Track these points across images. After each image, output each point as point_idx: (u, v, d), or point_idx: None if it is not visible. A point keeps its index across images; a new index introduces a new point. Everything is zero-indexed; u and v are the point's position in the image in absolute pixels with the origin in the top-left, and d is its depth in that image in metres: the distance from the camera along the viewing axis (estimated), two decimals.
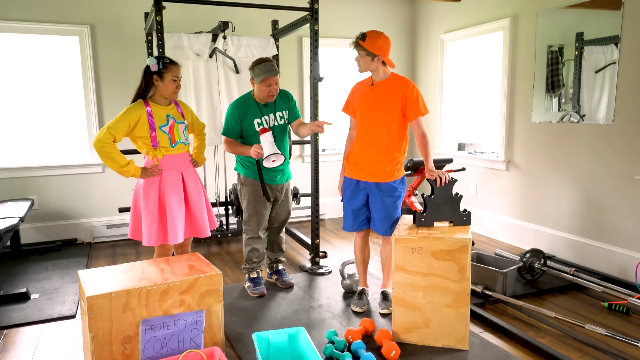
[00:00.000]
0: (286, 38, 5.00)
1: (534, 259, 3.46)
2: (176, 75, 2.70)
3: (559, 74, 4.02)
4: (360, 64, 2.84)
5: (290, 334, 2.41)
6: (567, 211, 3.97)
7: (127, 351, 2.15)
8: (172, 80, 2.69)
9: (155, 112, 2.71)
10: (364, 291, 3.12)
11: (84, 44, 4.44)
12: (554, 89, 4.08)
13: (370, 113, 2.85)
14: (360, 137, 2.90)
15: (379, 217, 2.90)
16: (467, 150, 5.14)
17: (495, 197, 4.70)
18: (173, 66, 2.70)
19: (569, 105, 3.90)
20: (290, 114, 3.28)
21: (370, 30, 2.79)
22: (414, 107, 2.82)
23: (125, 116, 2.64)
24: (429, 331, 2.59)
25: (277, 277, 3.48)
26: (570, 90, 3.92)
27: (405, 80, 2.86)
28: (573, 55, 3.89)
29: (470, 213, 2.71)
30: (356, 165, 2.94)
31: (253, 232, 3.27)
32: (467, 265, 2.48)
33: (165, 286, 2.21)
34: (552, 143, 4.06)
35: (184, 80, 4.18)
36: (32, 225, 4.47)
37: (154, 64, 2.67)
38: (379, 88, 2.85)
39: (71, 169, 4.55)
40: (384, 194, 2.87)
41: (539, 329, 2.81)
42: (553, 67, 4.09)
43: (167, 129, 2.73)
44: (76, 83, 4.53)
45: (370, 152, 2.87)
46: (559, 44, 3.98)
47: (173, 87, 2.71)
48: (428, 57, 5.50)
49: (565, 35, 3.88)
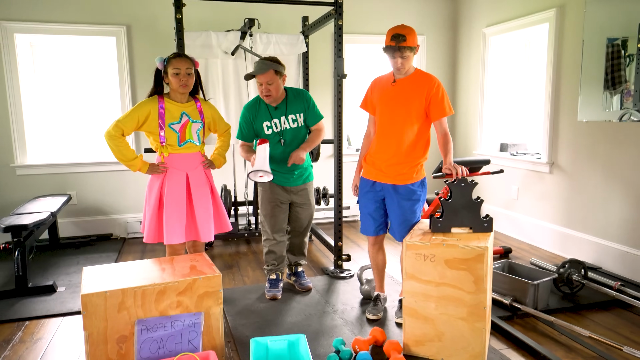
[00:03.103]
0: (319, 35, 4.90)
1: (572, 271, 3.17)
2: (177, 67, 2.62)
3: (621, 69, 3.66)
4: (405, 66, 2.61)
5: (290, 341, 2.32)
6: (617, 219, 3.61)
7: (123, 351, 2.14)
8: (174, 73, 2.63)
9: (168, 108, 2.69)
10: (379, 297, 2.98)
11: (121, 44, 4.56)
12: (614, 86, 3.73)
13: (391, 112, 2.69)
14: (380, 137, 2.75)
15: (396, 222, 2.74)
16: (510, 151, 4.83)
17: (538, 202, 4.37)
18: (174, 59, 2.64)
19: (630, 103, 3.55)
20: (309, 116, 3.10)
21: (399, 27, 2.55)
22: (439, 107, 2.64)
23: (134, 111, 2.67)
24: (442, 345, 2.40)
25: (296, 279, 3.40)
26: (632, 87, 3.56)
27: (429, 77, 2.67)
28: (636, 48, 3.53)
29: (492, 219, 2.50)
30: (373, 166, 2.79)
31: (267, 234, 3.20)
32: (484, 276, 2.28)
33: (162, 286, 2.18)
34: (601, 144, 3.71)
35: (213, 79, 4.19)
36: (71, 220, 4.65)
37: (159, 62, 2.68)
38: (402, 85, 2.67)
39: (107, 166, 4.68)
40: (401, 197, 2.71)
41: (570, 349, 2.55)
42: (614, 61, 3.74)
43: (179, 127, 2.70)
44: (113, 82, 4.66)
45: (389, 153, 2.71)
46: (623, 36, 3.61)
47: (176, 81, 2.65)
48: (469, 53, 5.22)
49: (629, 26, 3.51)
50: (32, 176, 4.51)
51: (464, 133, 5.42)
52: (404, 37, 2.51)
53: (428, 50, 5.40)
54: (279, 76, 2.96)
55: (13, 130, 4.40)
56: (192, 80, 2.71)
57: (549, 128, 4.17)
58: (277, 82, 2.95)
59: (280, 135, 3.06)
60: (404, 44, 2.52)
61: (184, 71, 2.64)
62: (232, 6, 4.69)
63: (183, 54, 2.75)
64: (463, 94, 5.39)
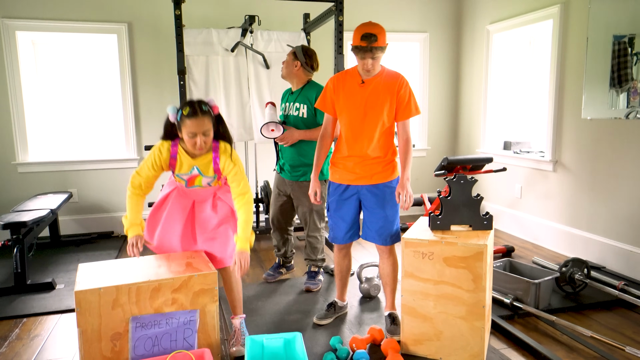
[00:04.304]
0: (320, 32, 4.87)
1: (574, 270, 3.12)
2: (192, 131, 2.18)
3: (627, 66, 3.60)
4: (375, 67, 2.45)
5: (286, 339, 2.29)
6: (621, 217, 3.56)
7: (117, 348, 2.12)
8: (189, 136, 2.21)
9: (180, 158, 2.33)
10: (336, 304, 2.85)
11: (122, 41, 4.55)
12: (620, 84, 3.67)
13: (363, 114, 2.50)
14: (350, 139, 2.55)
15: (376, 225, 2.58)
16: (513, 149, 4.78)
17: (541, 201, 4.32)
18: (189, 120, 2.17)
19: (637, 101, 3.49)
20: (311, 110, 3.12)
21: (368, 25, 2.36)
22: (406, 107, 2.51)
23: (150, 156, 2.34)
24: (441, 344, 2.37)
25: (306, 279, 3.38)
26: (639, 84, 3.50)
27: (397, 76, 2.52)
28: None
29: (492, 217, 2.46)
30: (345, 169, 2.60)
31: (271, 222, 3.36)
32: (483, 275, 2.24)
33: (157, 283, 2.16)
34: (605, 142, 3.66)
35: (213, 76, 4.17)
36: (72, 218, 4.65)
37: (172, 114, 2.25)
38: (371, 86, 2.49)
39: (109, 164, 4.68)
40: (380, 196, 2.56)
41: (572, 349, 2.51)
42: (620, 59, 3.68)
43: (187, 177, 2.39)
44: (114, 79, 4.66)
45: (361, 155, 2.54)
46: (630, 33, 3.55)
47: (192, 143, 2.22)
48: (473, 50, 5.18)
49: (636, 23, 3.45)
50: (33, 174, 4.52)
51: (467, 131, 5.37)
52: (375, 37, 2.31)
53: (431, 48, 5.36)
54: (293, 58, 3.20)
55: (15, 127, 4.41)
56: (211, 138, 2.27)
57: (552, 126, 4.12)
58: (290, 61, 3.21)
59: (284, 119, 3.25)
60: (376, 44, 2.33)
61: (201, 134, 2.20)
62: (232, 3, 4.68)
63: (199, 109, 2.19)
64: (466, 92, 5.34)
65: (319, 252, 3.35)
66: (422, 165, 5.44)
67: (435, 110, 5.48)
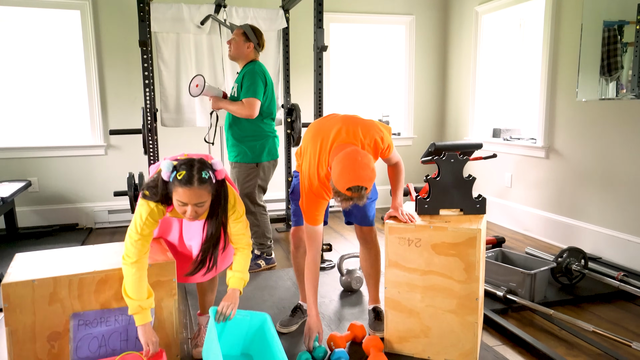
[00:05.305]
0: (300, 10, 4.59)
1: (571, 260, 2.90)
2: (182, 200, 1.76)
3: (617, 54, 3.39)
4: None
5: (253, 313, 2.05)
6: (619, 205, 3.35)
7: (55, 350, 1.82)
8: (178, 204, 1.79)
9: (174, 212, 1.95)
10: (300, 307, 2.51)
11: (86, 17, 4.22)
12: (610, 72, 3.46)
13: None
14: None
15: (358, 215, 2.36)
16: (503, 136, 4.56)
17: (533, 189, 4.11)
18: (181, 188, 1.74)
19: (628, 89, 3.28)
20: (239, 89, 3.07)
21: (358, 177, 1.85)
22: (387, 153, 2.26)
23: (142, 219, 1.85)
24: (429, 342, 2.12)
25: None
26: (629, 72, 3.29)
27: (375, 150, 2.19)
28: (634, 29, 3.27)
29: (485, 200, 2.22)
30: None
31: None
32: (476, 263, 2.00)
33: (104, 274, 1.87)
34: (601, 125, 3.45)
35: (185, 56, 3.87)
36: (32, 209, 4.31)
37: (166, 172, 1.78)
38: None
39: (73, 150, 4.35)
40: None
41: (572, 345, 2.28)
42: (610, 46, 3.47)
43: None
44: (78, 60, 4.32)
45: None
46: (619, 19, 3.35)
47: (181, 211, 1.81)
48: (461, 33, 4.94)
49: (626, 8, 3.24)
50: None
51: (454, 118, 5.14)
52: (365, 189, 1.85)
53: (417, 31, 5.11)
54: (244, 39, 3.09)
55: None
56: (206, 209, 1.86)
57: (545, 110, 3.90)
58: (240, 41, 3.10)
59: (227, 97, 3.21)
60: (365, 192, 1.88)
61: (193, 205, 1.78)
62: None
63: (197, 178, 1.75)
64: (454, 77, 5.11)
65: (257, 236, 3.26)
66: (408, 154, 5.20)
67: (422, 97, 5.23)
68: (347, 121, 2.08)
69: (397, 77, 5.20)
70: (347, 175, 1.83)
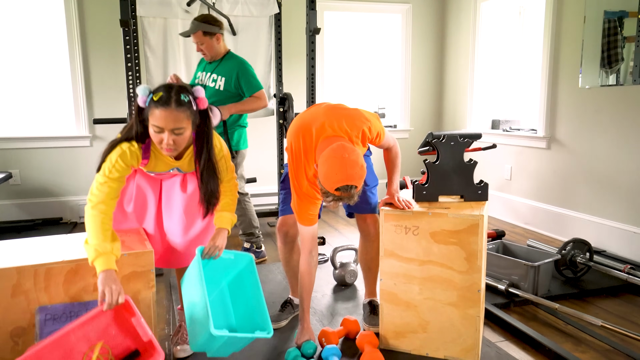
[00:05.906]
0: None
1: (576, 252, 2.76)
2: (159, 125, 1.63)
3: (618, 46, 3.28)
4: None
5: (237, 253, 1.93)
6: (623, 196, 3.22)
7: (19, 347, 1.67)
8: (154, 130, 1.66)
9: (156, 157, 1.81)
10: (291, 302, 2.38)
11: (69, 1, 4.05)
12: (610, 64, 3.34)
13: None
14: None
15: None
16: (502, 127, 4.43)
17: (534, 181, 3.97)
18: (158, 109, 1.62)
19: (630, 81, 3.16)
20: (243, 84, 2.93)
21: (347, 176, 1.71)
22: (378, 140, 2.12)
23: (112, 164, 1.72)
24: (427, 337, 1.98)
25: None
26: (631, 63, 3.17)
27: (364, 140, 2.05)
28: (635, 23, 3.15)
29: (487, 185, 2.07)
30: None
31: None
32: (479, 252, 1.85)
33: (74, 264, 1.71)
34: (606, 112, 3.32)
35: (172, 42, 3.72)
36: (13, 202, 4.13)
37: (142, 96, 1.66)
38: None
39: (56, 141, 4.17)
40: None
41: (580, 340, 2.14)
42: (610, 38, 3.35)
43: (160, 175, 1.93)
44: (61, 46, 4.14)
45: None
46: (620, 9, 3.23)
47: (156, 140, 1.67)
48: (459, 21, 4.80)
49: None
50: None
51: (452, 109, 5.00)
52: (354, 187, 1.72)
53: (414, 20, 4.97)
54: (210, 36, 2.94)
55: None
56: (185, 139, 1.71)
57: (546, 98, 3.77)
58: (208, 42, 2.95)
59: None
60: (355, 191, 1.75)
61: (170, 132, 1.64)
62: None
63: (175, 99, 1.63)
64: (452, 68, 4.97)
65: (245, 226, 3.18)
66: (404, 147, 5.03)
67: (419, 88, 5.09)
68: (330, 114, 1.92)
69: (394, 67, 5.06)
70: (334, 174, 1.70)
